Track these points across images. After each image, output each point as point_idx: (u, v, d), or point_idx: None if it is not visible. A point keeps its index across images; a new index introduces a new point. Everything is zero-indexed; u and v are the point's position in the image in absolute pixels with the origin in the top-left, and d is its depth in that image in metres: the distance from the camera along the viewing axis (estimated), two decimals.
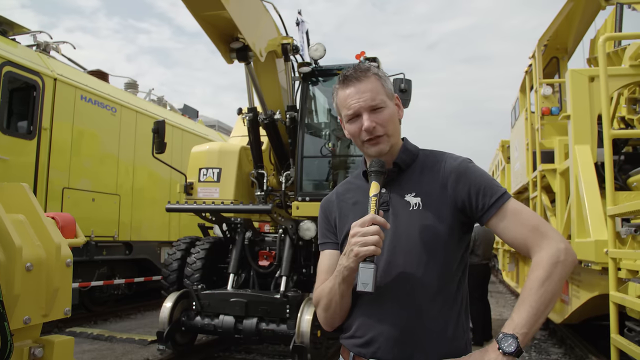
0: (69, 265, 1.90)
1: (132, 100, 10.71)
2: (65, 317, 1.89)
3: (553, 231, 1.54)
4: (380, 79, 1.69)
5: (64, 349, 1.88)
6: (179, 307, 6.28)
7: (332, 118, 7.99)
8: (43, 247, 1.81)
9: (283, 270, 6.47)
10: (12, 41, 8.32)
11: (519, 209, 1.57)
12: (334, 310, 1.71)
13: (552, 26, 6.61)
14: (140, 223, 10.34)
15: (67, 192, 8.49)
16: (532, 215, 1.58)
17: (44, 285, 1.80)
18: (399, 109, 1.74)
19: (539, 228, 1.52)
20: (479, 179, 1.62)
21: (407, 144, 1.76)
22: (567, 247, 1.48)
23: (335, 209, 1.85)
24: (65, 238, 1.97)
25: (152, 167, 10.31)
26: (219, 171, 7.22)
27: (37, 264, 1.78)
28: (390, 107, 1.68)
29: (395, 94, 1.74)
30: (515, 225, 1.54)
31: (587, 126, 4.79)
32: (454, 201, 1.61)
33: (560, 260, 1.45)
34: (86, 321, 9.15)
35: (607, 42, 4.17)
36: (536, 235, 1.50)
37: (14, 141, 7.67)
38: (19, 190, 1.88)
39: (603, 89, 3.43)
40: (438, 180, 1.64)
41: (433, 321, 1.57)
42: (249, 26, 5.78)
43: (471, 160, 1.69)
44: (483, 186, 1.59)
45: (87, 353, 6.87)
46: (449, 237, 1.60)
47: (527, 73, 7.75)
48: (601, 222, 4.27)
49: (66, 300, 1.91)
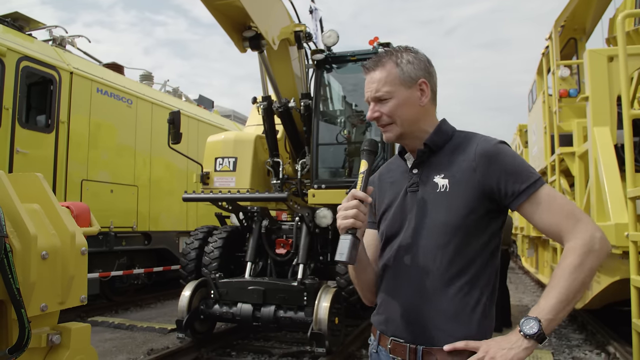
0: (84, 253, 1.91)
1: (148, 91, 10.77)
2: (81, 305, 1.91)
3: (588, 219, 1.50)
4: (397, 66, 1.66)
5: (81, 335, 1.91)
6: (197, 296, 6.34)
7: (346, 105, 7.96)
8: (58, 236, 1.82)
9: (300, 258, 6.49)
10: (29, 36, 8.40)
11: (553, 195, 1.53)
12: (360, 287, 1.82)
13: (569, 6, 6.47)
14: (158, 213, 10.44)
15: (86, 184, 8.59)
16: (567, 202, 1.54)
17: (59, 273, 1.81)
18: (422, 95, 1.68)
19: (574, 215, 1.49)
20: (511, 163, 1.56)
21: (442, 125, 1.72)
22: (602, 236, 1.45)
23: (376, 189, 1.86)
24: (80, 227, 1.98)
25: (168, 158, 10.38)
26: (234, 160, 7.24)
27: (53, 252, 1.79)
28: (400, 96, 1.65)
29: (423, 78, 1.68)
30: (549, 211, 1.50)
31: (607, 107, 4.70)
32: (482, 185, 1.56)
33: (595, 249, 1.42)
34: (107, 311, 9.30)
35: (626, 19, 4.06)
36: (570, 221, 1.47)
37: (33, 135, 7.77)
38: (34, 180, 1.89)
39: (622, 68, 3.35)
40: (468, 162, 1.60)
41: (446, 305, 1.55)
42: (261, 14, 5.76)
43: (505, 142, 1.63)
44: (515, 171, 1.55)
45: (108, 342, 6.98)
46: (472, 222, 1.57)
47: (544, 55, 7.61)
48: (621, 205, 4.20)
49: (82, 288, 1.93)
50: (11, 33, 7.86)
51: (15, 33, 7.98)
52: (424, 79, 1.67)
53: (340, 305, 6.09)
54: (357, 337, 7.06)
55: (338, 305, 5.96)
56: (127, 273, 9.54)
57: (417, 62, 1.68)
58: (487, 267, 1.60)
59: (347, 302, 6.32)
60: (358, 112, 7.67)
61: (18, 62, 7.54)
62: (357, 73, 7.63)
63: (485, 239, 1.60)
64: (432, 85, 1.71)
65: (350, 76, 7.80)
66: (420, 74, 1.67)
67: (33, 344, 1.76)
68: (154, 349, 6.50)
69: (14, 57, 7.48)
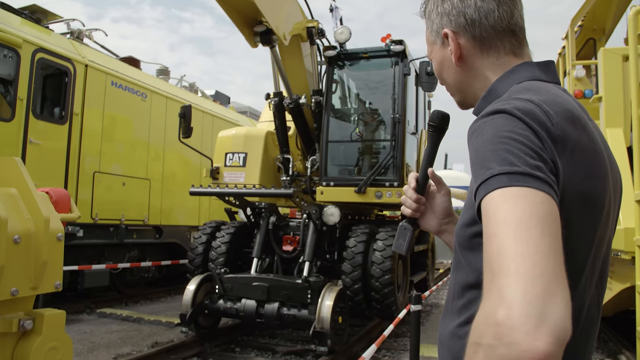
0: (60, 239, 1.88)
1: (163, 86, 10.81)
2: (56, 291, 1.88)
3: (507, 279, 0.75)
4: (428, 19, 1.27)
5: (55, 322, 1.87)
6: (202, 291, 6.33)
7: (359, 102, 7.89)
8: (32, 221, 1.79)
9: (306, 255, 6.44)
10: (46, 29, 8.47)
11: (493, 211, 0.84)
12: None
13: (586, 5, 6.31)
14: (170, 207, 10.48)
15: (98, 176, 8.64)
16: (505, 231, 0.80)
17: (32, 258, 1.79)
18: (457, 47, 1.19)
19: (496, 260, 0.80)
20: (475, 150, 0.97)
21: (495, 86, 1.16)
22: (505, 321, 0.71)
23: None
24: (58, 213, 1.95)
25: (182, 152, 10.41)
26: (244, 156, 7.24)
27: (26, 237, 1.76)
28: (435, 58, 1.28)
29: (446, 28, 1.19)
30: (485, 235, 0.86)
31: (620, 108, 4.55)
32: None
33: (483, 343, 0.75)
34: (117, 303, 9.36)
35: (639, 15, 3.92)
36: (487, 272, 0.81)
37: (47, 126, 7.84)
38: (11, 165, 1.86)
39: (633, 67, 3.23)
40: None
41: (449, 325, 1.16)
42: (272, 9, 5.72)
43: (496, 112, 0.96)
44: (475, 162, 0.96)
45: (114, 333, 7.01)
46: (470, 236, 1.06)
47: (560, 55, 7.44)
48: (631, 209, 4.06)
49: (57, 274, 1.90)
50: (28, 25, 7.94)
51: (32, 25, 8.06)
52: (447, 28, 1.20)
53: (345, 305, 6.02)
54: (362, 337, 6.99)
55: (342, 304, 5.90)
56: (135, 265, 9.58)
57: (441, 4, 1.21)
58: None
59: (352, 301, 6.25)
60: (372, 109, 7.60)
61: (33, 53, 7.61)
62: (370, 70, 7.56)
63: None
64: (472, 30, 1.17)
65: (363, 73, 7.73)
66: (443, 22, 1.21)
67: (3, 329, 1.74)
68: (158, 342, 6.51)
69: (30, 49, 7.55)
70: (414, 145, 7.44)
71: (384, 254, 6.20)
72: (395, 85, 6.82)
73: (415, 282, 8.43)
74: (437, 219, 1.45)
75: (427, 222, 1.45)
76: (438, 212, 1.45)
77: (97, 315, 8.21)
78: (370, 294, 6.25)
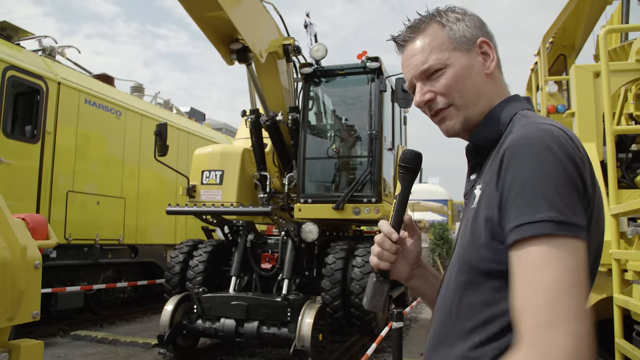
0: (38, 267, 1.84)
1: (137, 103, 10.71)
2: (34, 321, 1.83)
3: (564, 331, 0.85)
4: (444, 26, 1.21)
5: (33, 354, 1.81)
6: (180, 311, 6.23)
7: (335, 119, 7.93)
8: (8, 249, 1.74)
9: (285, 273, 6.40)
10: (17, 46, 8.34)
11: (544, 262, 0.89)
12: None
13: (557, 22, 6.47)
14: (145, 226, 10.33)
15: (72, 196, 8.48)
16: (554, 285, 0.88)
17: (9, 288, 1.74)
18: (487, 60, 1.21)
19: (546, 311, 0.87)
20: (522, 176, 0.96)
21: (497, 110, 1.19)
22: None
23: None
24: (35, 239, 1.90)
25: (157, 170, 10.28)
26: (221, 173, 7.19)
27: (2, 266, 1.72)
28: (457, 63, 1.18)
29: (482, 37, 1.21)
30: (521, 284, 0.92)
31: (592, 123, 4.65)
32: (500, 199, 1.01)
33: None
34: (92, 324, 9.14)
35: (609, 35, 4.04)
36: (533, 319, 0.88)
37: (18, 145, 7.68)
38: None
39: (605, 84, 3.32)
40: (497, 165, 1.05)
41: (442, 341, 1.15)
42: (248, 27, 5.73)
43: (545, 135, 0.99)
44: (519, 192, 0.95)
45: (89, 357, 6.84)
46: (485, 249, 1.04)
47: (533, 71, 7.60)
48: (607, 223, 4.14)
49: (34, 304, 1.85)
50: None
51: (3, 42, 7.92)
52: (483, 37, 1.22)
53: (325, 322, 5.99)
54: (342, 353, 6.96)
55: (322, 322, 5.87)
56: (110, 286, 9.39)
57: (469, 19, 1.23)
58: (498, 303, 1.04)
59: (332, 318, 6.22)
60: (348, 126, 7.65)
61: (4, 71, 7.47)
62: (346, 87, 7.61)
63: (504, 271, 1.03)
64: (497, 50, 1.23)
65: (339, 90, 7.78)
66: (477, 32, 1.22)
67: None
68: None
69: (0, 67, 7.41)
70: (391, 161, 7.49)
71: (362, 270, 6.20)
72: (372, 102, 6.87)
73: (394, 297, 8.44)
74: (408, 266, 1.37)
75: (398, 271, 1.36)
76: (409, 259, 1.37)
77: (71, 338, 8.01)
78: (350, 311, 6.23)
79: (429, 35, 1.21)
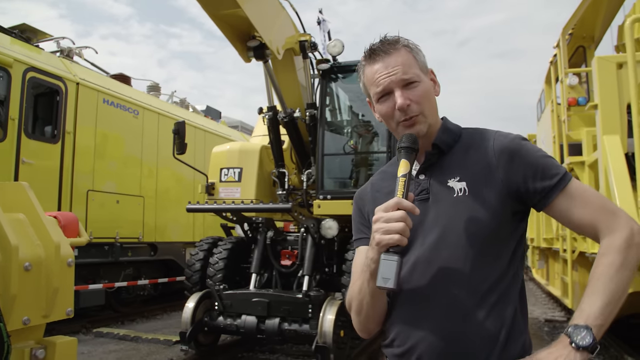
0: (70, 265, 1.85)
1: (154, 102, 10.79)
2: (68, 318, 1.84)
3: (623, 211, 1.39)
4: (412, 51, 1.50)
5: (67, 350, 1.84)
6: (201, 308, 6.27)
7: (353, 115, 7.90)
8: (42, 247, 1.76)
9: (305, 269, 6.40)
10: (36, 47, 8.44)
11: (584, 188, 1.42)
12: (366, 314, 1.50)
13: (576, 13, 6.39)
14: (164, 224, 10.41)
15: (92, 195, 8.57)
16: (598, 195, 1.43)
17: (43, 285, 1.76)
18: (435, 85, 1.56)
19: (608, 208, 1.38)
20: (536, 158, 1.43)
21: (447, 123, 1.57)
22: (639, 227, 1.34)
23: (369, 200, 1.63)
24: (67, 237, 1.92)
25: (175, 168, 10.35)
26: (239, 171, 7.19)
27: (36, 264, 1.74)
28: (425, 82, 1.49)
29: (431, 68, 1.56)
30: (583, 206, 1.37)
31: (616, 115, 4.58)
32: (506, 185, 1.41)
33: (635, 242, 1.31)
34: (113, 322, 9.24)
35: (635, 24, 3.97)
36: (604, 215, 1.35)
37: (39, 145, 7.78)
38: (19, 190, 1.84)
39: (631, 74, 3.26)
40: (486, 160, 1.44)
41: (483, 325, 1.35)
42: (265, 24, 5.73)
43: (524, 137, 1.49)
44: (541, 166, 1.41)
45: (112, 353, 6.92)
46: (500, 227, 1.40)
47: (552, 64, 7.51)
48: (633, 214, 4.08)
49: (68, 301, 1.87)
50: (18, 44, 7.90)
51: (22, 44, 8.02)
52: (431, 68, 1.57)
53: (346, 318, 5.97)
54: (363, 350, 6.95)
55: (344, 318, 5.86)
56: (132, 284, 9.49)
57: (422, 53, 1.56)
58: (517, 277, 1.44)
59: None
60: (365, 122, 7.61)
61: (24, 73, 7.56)
62: None
63: (513, 245, 1.43)
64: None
65: (357, 86, 7.74)
66: (426, 63, 1.55)
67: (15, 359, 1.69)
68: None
69: (21, 68, 7.51)
70: None
71: None
72: None
73: None
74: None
75: None
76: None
77: (93, 335, 8.10)
78: None
79: (405, 55, 1.48)
